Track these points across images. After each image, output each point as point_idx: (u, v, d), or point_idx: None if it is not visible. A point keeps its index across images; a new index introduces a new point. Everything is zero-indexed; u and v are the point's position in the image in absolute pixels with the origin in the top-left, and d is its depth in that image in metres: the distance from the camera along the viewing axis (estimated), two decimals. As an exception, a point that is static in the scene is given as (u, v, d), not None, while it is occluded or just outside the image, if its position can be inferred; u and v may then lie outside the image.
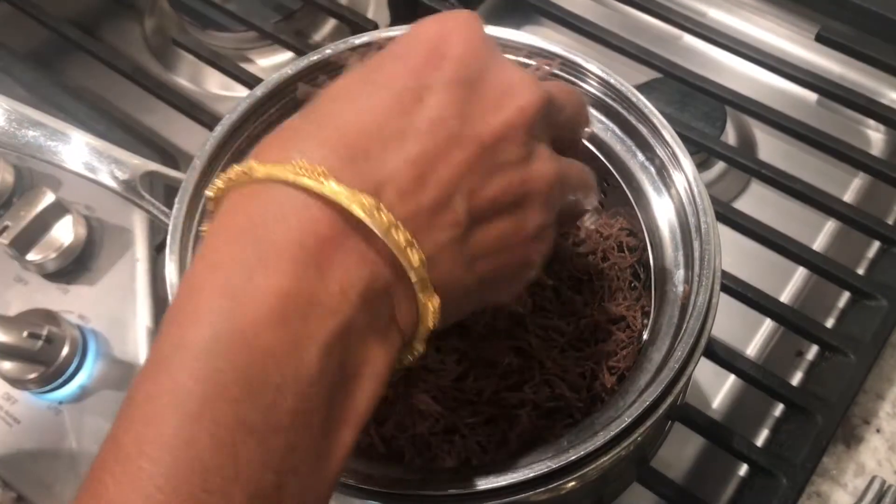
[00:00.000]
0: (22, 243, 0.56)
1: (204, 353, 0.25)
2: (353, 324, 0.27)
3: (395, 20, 0.73)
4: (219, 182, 0.30)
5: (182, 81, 0.74)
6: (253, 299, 0.26)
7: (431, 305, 0.30)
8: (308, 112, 0.31)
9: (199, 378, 0.25)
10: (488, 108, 0.31)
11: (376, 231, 0.28)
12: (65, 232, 0.58)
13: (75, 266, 0.58)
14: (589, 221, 0.46)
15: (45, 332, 0.53)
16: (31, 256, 0.57)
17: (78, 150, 0.47)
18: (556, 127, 0.34)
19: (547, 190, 0.32)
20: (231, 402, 0.25)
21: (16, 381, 0.54)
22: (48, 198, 0.57)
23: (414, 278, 0.29)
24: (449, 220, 0.29)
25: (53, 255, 0.57)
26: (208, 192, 0.31)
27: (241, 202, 0.29)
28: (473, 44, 0.31)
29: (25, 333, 0.52)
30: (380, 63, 0.31)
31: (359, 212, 0.27)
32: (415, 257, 0.28)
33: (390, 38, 0.44)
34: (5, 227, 0.56)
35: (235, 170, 0.29)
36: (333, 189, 0.27)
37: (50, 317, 0.54)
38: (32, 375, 0.53)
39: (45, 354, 0.53)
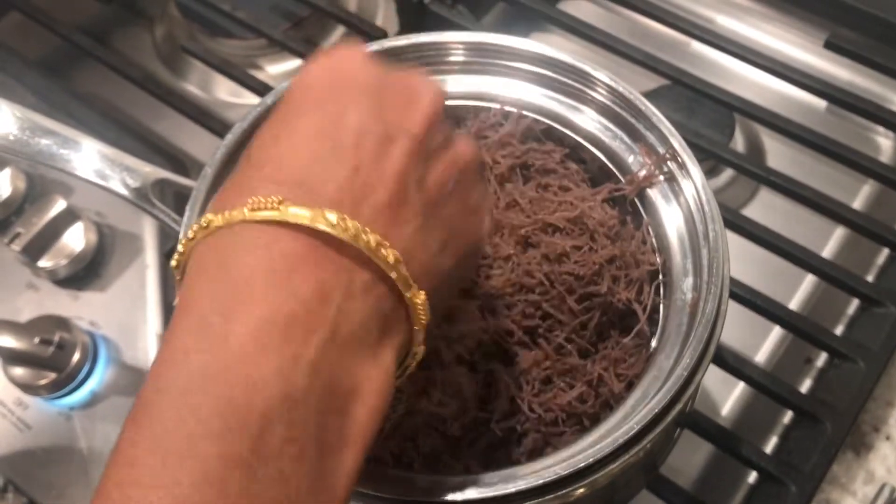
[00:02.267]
0: (33, 250, 0.57)
1: (182, 392, 0.25)
2: (336, 336, 0.27)
3: (404, 28, 0.73)
4: (179, 247, 0.30)
5: (192, 89, 0.75)
6: (229, 332, 0.26)
7: (418, 300, 0.30)
8: (245, 161, 0.32)
9: (179, 417, 0.25)
10: (402, 107, 0.32)
11: (345, 239, 0.28)
12: (76, 239, 0.58)
13: (86, 272, 0.59)
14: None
15: (56, 339, 0.53)
16: (43, 263, 0.57)
17: (89, 158, 0.47)
18: None
19: (474, 164, 0.35)
20: (214, 436, 0.24)
21: (27, 387, 0.54)
22: (59, 205, 0.58)
23: (394, 275, 0.29)
24: (409, 213, 0.30)
25: (64, 262, 0.57)
26: (172, 263, 0.31)
27: (206, 251, 0.29)
28: (363, 63, 0.33)
29: (37, 339, 0.52)
30: (288, 103, 0.32)
31: (323, 226, 0.27)
32: (389, 255, 0.29)
33: (398, 47, 0.45)
34: (17, 234, 0.57)
35: (193, 228, 0.29)
36: (294, 213, 0.27)
37: (61, 323, 0.55)
38: (43, 381, 0.53)
39: (57, 360, 0.53)
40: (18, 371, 0.54)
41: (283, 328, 0.26)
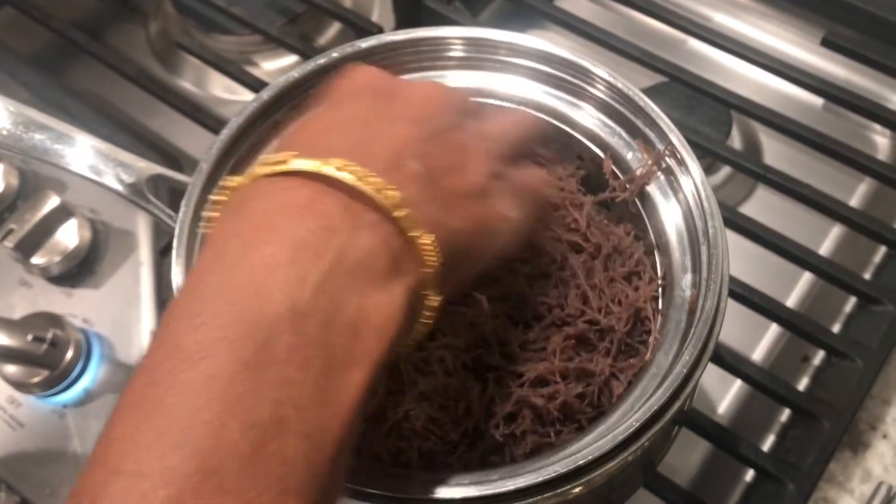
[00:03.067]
0: (26, 246, 0.56)
1: (198, 300, 0.29)
2: (343, 262, 0.30)
3: (400, 24, 0.73)
4: (206, 214, 0.34)
5: (186, 85, 0.74)
6: (242, 256, 0.29)
7: (425, 240, 0.32)
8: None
9: (192, 325, 0.28)
10: (408, 103, 0.36)
11: (349, 182, 0.31)
12: (69, 235, 0.57)
13: (80, 269, 0.58)
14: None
15: (49, 336, 0.53)
16: (36, 260, 0.57)
17: (83, 154, 0.47)
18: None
19: (485, 144, 0.37)
20: (226, 341, 0.27)
21: (20, 385, 0.54)
22: (53, 201, 0.57)
23: (398, 214, 0.31)
24: (409, 174, 0.33)
25: (58, 259, 0.57)
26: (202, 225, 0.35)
27: (228, 203, 0.33)
28: (375, 73, 0.39)
29: (30, 337, 0.52)
30: (312, 108, 0.38)
31: (329, 170, 0.31)
32: (393, 196, 0.31)
33: (395, 42, 0.45)
34: (10, 231, 0.56)
35: (217, 192, 0.34)
36: (300, 163, 0.31)
37: (54, 320, 0.54)
38: (37, 379, 0.53)
39: (50, 358, 0.53)
40: (11, 368, 0.53)
41: (292, 252, 0.29)
